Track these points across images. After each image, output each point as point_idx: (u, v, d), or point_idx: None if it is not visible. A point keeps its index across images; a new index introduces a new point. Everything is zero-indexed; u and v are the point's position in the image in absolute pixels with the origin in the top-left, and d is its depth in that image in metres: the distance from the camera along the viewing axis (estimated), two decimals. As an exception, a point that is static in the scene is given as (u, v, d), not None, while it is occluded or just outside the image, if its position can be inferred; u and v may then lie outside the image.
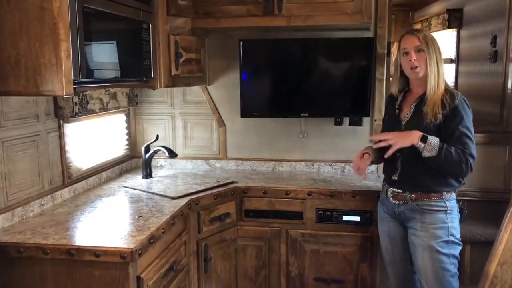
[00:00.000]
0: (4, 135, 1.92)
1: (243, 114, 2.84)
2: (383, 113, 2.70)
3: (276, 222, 2.57)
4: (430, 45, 2.02)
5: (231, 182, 2.64)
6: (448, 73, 4.80)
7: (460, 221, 2.10)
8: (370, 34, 2.76)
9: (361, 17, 2.45)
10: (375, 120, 2.82)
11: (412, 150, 2.00)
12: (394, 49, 2.85)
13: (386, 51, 2.77)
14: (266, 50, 2.85)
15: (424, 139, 1.96)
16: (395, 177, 2.12)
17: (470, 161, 1.95)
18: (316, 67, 2.82)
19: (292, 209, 2.54)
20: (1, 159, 1.89)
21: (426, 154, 1.96)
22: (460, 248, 2.06)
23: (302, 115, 2.82)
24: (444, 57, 2.14)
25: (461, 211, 2.10)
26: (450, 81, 4.74)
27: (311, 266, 2.56)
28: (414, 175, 2.04)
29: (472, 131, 1.99)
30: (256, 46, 2.83)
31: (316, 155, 2.95)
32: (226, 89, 2.99)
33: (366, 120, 2.87)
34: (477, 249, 2.64)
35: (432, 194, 2.03)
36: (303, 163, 2.98)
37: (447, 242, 2.00)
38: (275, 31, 2.82)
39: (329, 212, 2.51)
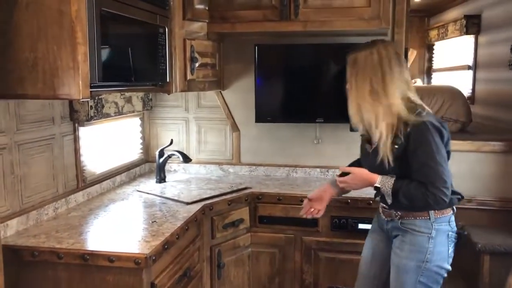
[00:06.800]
0: (20, 138, 1.92)
1: (258, 119, 2.82)
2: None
3: (290, 229, 2.53)
4: (359, 73, 1.84)
5: (245, 188, 2.62)
6: (465, 80, 4.73)
7: (458, 247, 1.89)
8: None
9: (379, 23, 2.42)
10: (392, 127, 2.77)
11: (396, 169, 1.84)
12: (410, 55, 2.81)
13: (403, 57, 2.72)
14: (281, 55, 2.84)
15: (377, 190, 1.87)
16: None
17: (433, 192, 1.72)
18: (331, 72, 2.79)
19: (307, 216, 2.51)
20: (16, 162, 1.89)
21: (387, 200, 1.86)
22: (440, 278, 1.85)
23: (317, 120, 2.79)
24: (461, 64, 2.06)
25: (459, 236, 1.88)
26: (468, 88, 4.65)
27: (325, 274, 2.52)
28: None
29: (435, 155, 1.74)
30: (272, 51, 2.81)
31: (331, 162, 2.91)
32: (240, 94, 2.98)
33: (382, 127, 2.83)
34: (497, 259, 2.58)
35: (418, 213, 1.85)
36: (318, 170, 2.94)
37: (419, 267, 1.82)
38: (290, 36, 2.80)
39: (344, 220, 2.47)
